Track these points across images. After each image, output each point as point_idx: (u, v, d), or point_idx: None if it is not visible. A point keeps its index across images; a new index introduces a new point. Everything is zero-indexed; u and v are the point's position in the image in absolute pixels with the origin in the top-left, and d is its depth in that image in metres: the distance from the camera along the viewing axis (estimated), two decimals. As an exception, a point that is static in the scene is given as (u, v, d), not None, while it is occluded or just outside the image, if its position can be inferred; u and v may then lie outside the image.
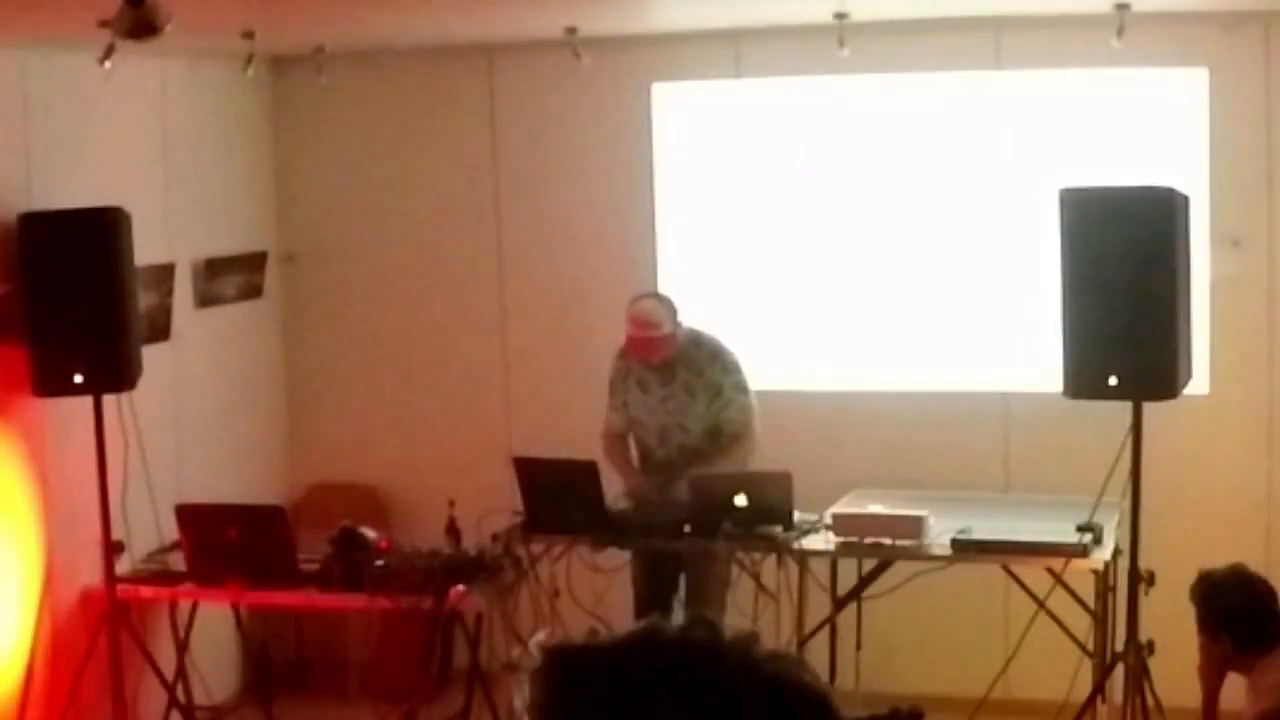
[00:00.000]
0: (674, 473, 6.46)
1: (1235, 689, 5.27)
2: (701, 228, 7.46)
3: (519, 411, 7.66)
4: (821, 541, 6.14)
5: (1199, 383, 6.19)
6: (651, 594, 6.55)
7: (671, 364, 6.49)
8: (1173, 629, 6.10)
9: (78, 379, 6.08)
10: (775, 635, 6.22)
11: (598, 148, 7.47)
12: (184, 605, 6.54)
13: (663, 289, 7.00)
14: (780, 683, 1.34)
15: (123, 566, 6.35)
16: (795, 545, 6.12)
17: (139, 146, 6.95)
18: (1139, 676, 5.78)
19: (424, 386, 7.80)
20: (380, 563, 6.22)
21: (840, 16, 6.44)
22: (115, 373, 6.15)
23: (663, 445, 6.56)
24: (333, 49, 7.21)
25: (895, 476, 6.72)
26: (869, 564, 6.27)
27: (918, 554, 6.03)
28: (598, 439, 6.66)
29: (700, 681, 1.32)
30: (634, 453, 6.68)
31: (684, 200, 7.46)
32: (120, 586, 6.24)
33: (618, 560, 6.50)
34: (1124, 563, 5.90)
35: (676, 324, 6.46)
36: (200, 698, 6.75)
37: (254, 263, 7.66)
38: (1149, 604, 5.85)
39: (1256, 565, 6.70)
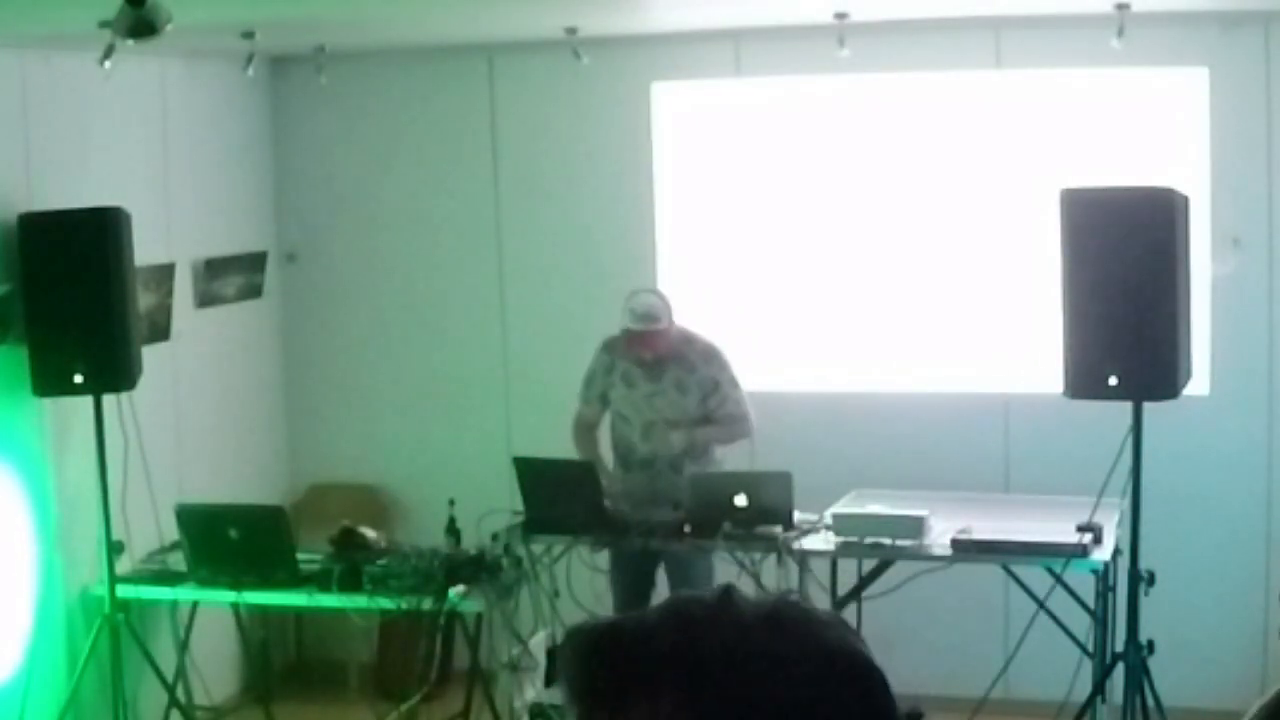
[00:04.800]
0: (656, 469, 6.48)
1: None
2: (701, 227, 7.46)
3: (519, 411, 7.65)
4: (821, 541, 6.13)
5: (1199, 383, 6.18)
6: (629, 593, 6.55)
7: (663, 360, 6.50)
8: (1173, 629, 6.11)
9: (78, 379, 6.07)
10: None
11: (598, 147, 7.47)
12: (184, 605, 6.54)
13: (663, 288, 7.00)
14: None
15: (123, 566, 6.35)
16: (795, 545, 6.12)
17: (139, 146, 6.95)
18: (1139, 676, 5.77)
19: (424, 386, 7.79)
20: (380, 563, 6.23)
21: (840, 16, 6.43)
22: (115, 373, 6.14)
23: (646, 441, 6.55)
24: (333, 49, 7.21)
25: (895, 476, 6.71)
26: (869, 564, 6.26)
27: (918, 554, 6.03)
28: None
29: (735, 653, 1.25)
30: (611, 449, 6.67)
31: (684, 200, 7.46)
32: (120, 586, 6.24)
33: (618, 560, 6.50)
34: (1124, 563, 5.89)
35: (672, 320, 6.48)
36: (200, 698, 6.76)
37: (254, 263, 7.66)
38: (1149, 604, 5.84)
39: (1256, 565, 6.74)
